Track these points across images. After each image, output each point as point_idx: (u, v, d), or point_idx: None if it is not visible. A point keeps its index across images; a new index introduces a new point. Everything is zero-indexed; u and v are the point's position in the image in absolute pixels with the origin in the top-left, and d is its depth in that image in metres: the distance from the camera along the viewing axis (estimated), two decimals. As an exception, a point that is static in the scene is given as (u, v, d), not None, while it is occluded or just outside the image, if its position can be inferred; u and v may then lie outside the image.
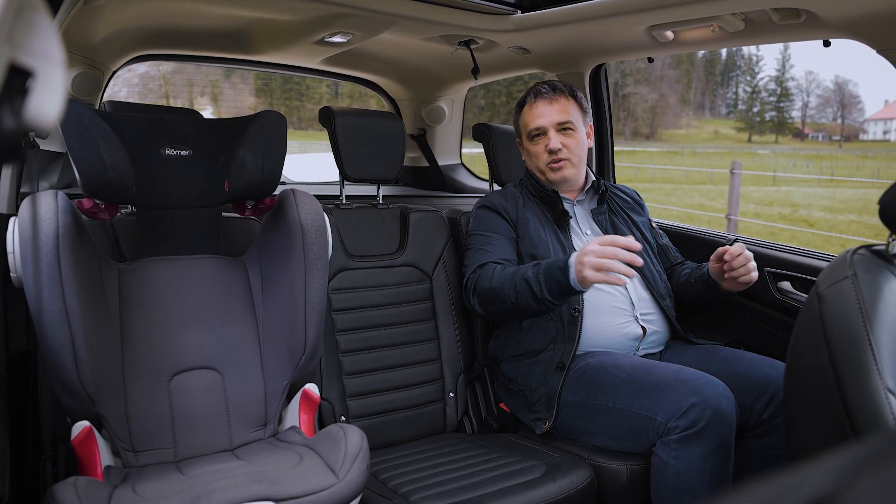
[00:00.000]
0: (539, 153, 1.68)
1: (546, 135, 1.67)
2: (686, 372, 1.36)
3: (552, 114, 1.66)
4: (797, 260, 1.71)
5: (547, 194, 1.71)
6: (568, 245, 1.64)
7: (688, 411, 1.26)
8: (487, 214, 1.71)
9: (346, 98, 44.25)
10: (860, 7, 1.28)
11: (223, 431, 1.30)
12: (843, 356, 0.92)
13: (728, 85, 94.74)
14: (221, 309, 1.39)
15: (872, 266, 0.98)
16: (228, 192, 1.42)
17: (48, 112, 0.42)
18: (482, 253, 1.63)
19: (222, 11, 1.85)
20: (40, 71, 0.41)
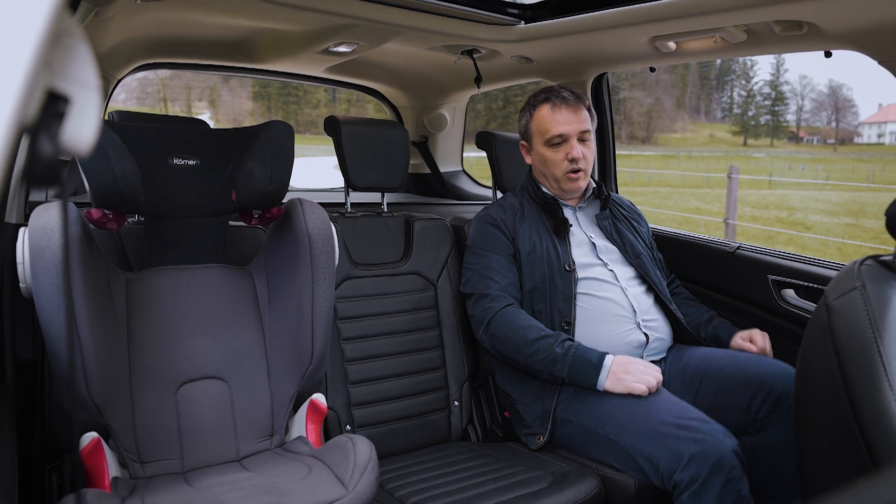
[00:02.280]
0: (558, 161, 1.66)
1: (568, 143, 1.65)
2: (688, 414, 1.34)
3: (576, 122, 1.65)
4: (801, 268, 1.72)
5: (547, 202, 1.71)
6: (564, 253, 1.63)
7: (689, 463, 1.25)
8: (487, 229, 1.70)
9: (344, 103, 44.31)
10: (862, 19, 1.29)
11: (230, 442, 1.30)
12: (854, 367, 0.93)
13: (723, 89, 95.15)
14: (228, 318, 1.39)
15: (880, 277, 0.98)
16: (236, 202, 1.42)
17: (84, 137, 0.42)
18: (486, 280, 1.62)
19: (228, 21, 1.86)
20: (77, 96, 0.42)
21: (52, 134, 0.40)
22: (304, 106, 49.70)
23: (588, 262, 1.64)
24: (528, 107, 1.74)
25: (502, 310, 1.57)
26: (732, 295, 1.79)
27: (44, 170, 0.39)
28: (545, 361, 1.47)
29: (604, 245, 1.70)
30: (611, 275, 1.64)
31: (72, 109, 0.42)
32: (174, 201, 1.39)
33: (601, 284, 1.62)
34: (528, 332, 1.50)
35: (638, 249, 1.72)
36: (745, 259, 1.85)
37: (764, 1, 1.31)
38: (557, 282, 1.59)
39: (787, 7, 1.31)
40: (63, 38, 0.41)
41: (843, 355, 0.95)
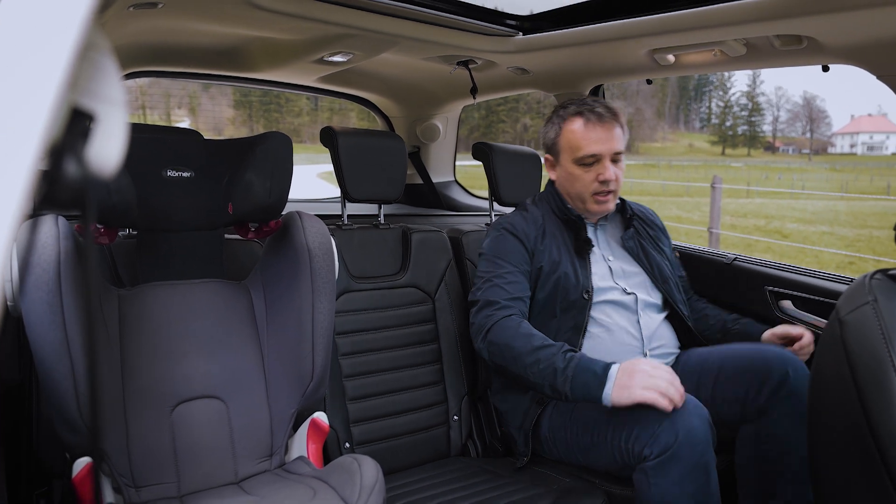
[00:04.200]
0: (588, 181, 1.56)
1: (600, 163, 1.55)
2: None
3: (610, 141, 1.54)
4: (799, 279, 1.72)
5: (571, 220, 1.62)
6: (583, 274, 1.55)
7: (659, 435, 1.23)
8: (507, 239, 1.59)
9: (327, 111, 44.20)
10: (861, 34, 1.30)
11: (228, 463, 1.26)
12: (869, 382, 0.92)
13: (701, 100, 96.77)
14: (225, 335, 1.35)
15: (891, 291, 0.98)
16: (233, 215, 1.39)
17: (109, 157, 0.40)
18: (495, 289, 1.51)
19: (221, 30, 1.82)
20: (102, 115, 0.39)
21: (76, 155, 0.37)
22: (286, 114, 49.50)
23: (605, 286, 1.57)
24: (557, 118, 1.62)
25: (505, 318, 1.45)
26: (730, 306, 1.79)
27: (67, 192, 0.37)
28: (545, 373, 1.33)
29: (625, 268, 1.63)
30: (630, 299, 1.57)
31: (96, 128, 0.39)
32: (168, 214, 1.35)
33: (615, 309, 1.56)
34: (532, 340, 1.38)
35: (666, 273, 1.65)
36: (743, 270, 1.86)
37: (765, 16, 1.32)
38: (570, 308, 1.53)
39: (787, 22, 1.32)
40: (90, 52, 0.39)
41: (858, 370, 0.94)
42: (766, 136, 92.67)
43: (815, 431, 1.03)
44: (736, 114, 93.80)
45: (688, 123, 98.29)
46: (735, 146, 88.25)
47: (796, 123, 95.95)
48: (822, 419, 1.01)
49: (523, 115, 61.27)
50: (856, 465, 0.94)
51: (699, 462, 1.22)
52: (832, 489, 1.00)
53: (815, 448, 1.03)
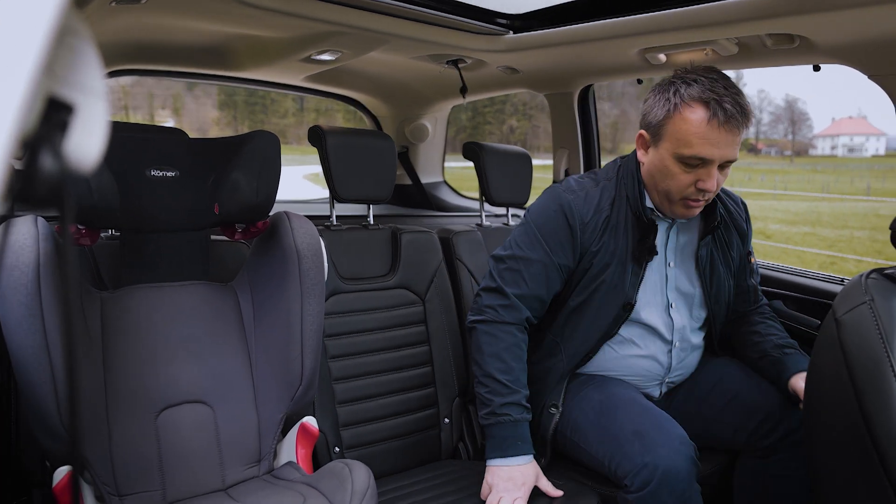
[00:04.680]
0: (684, 183, 1.32)
1: (706, 169, 1.29)
2: (645, 422, 1.28)
3: (728, 146, 1.27)
4: (790, 279, 1.72)
5: (644, 220, 1.38)
6: (632, 283, 1.37)
7: (640, 471, 1.21)
8: (556, 219, 1.38)
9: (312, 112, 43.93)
10: (853, 34, 1.30)
11: (215, 470, 1.23)
12: (867, 382, 0.91)
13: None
14: (211, 338, 1.32)
15: (887, 290, 0.98)
16: (219, 216, 1.36)
17: (89, 151, 0.37)
18: (516, 275, 1.38)
19: (207, 27, 1.79)
20: (81, 105, 0.36)
21: (54, 148, 0.34)
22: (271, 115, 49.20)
23: (651, 304, 1.43)
24: (675, 95, 1.29)
25: (501, 324, 1.37)
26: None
27: (44, 189, 0.34)
28: (483, 399, 1.36)
29: (681, 280, 1.46)
30: (667, 324, 1.44)
31: (76, 119, 0.36)
32: (152, 215, 1.32)
33: (649, 336, 1.44)
34: (495, 365, 1.34)
35: (723, 295, 1.48)
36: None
37: (757, 15, 1.31)
38: (604, 315, 1.40)
39: (779, 21, 1.31)
40: (67, 37, 0.36)
41: (855, 370, 0.93)
42: (749, 139, 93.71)
43: (812, 432, 1.02)
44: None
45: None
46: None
47: (778, 126, 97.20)
48: (819, 419, 1.00)
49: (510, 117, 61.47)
50: (854, 465, 0.94)
51: (680, 499, 1.20)
52: (831, 490, 0.99)
53: (813, 449, 1.02)
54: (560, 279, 1.40)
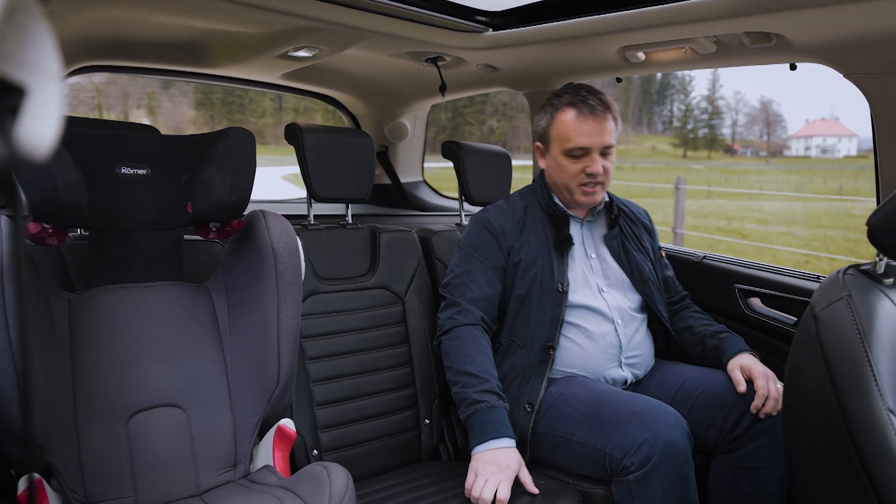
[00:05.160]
0: (575, 172, 1.55)
1: (589, 156, 1.54)
2: (638, 403, 1.33)
3: (601, 134, 1.52)
4: (766, 276, 1.74)
5: (556, 215, 1.61)
6: (560, 272, 1.55)
7: (640, 447, 1.23)
8: (482, 234, 1.61)
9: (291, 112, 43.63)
10: (829, 33, 1.31)
11: (189, 475, 1.20)
12: (845, 378, 0.92)
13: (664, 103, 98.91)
14: (185, 340, 1.28)
15: (864, 286, 0.98)
16: (192, 214, 1.32)
17: (43, 136, 0.35)
18: (462, 288, 1.55)
19: (179, 22, 1.75)
20: (34, 87, 0.34)
21: (4, 133, 0.32)
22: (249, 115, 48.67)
23: (583, 287, 1.57)
24: (550, 107, 1.60)
25: (461, 327, 1.51)
26: (700, 304, 1.79)
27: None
28: (459, 396, 1.43)
29: (605, 268, 1.62)
30: (605, 304, 1.57)
31: (29, 103, 0.34)
32: (122, 214, 1.28)
33: (593, 316, 1.55)
34: (462, 362, 1.45)
35: (646, 275, 1.63)
36: (712, 268, 1.87)
37: (734, 13, 1.32)
38: (547, 302, 1.53)
39: (757, 19, 1.32)
40: (16, 15, 0.34)
41: (833, 366, 0.94)
42: (726, 139, 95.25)
43: (791, 428, 1.02)
44: (697, 117, 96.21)
45: (651, 126, 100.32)
46: (696, 148, 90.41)
47: (754, 127, 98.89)
48: (798, 415, 1.00)
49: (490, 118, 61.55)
50: (832, 458, 0.94)
51: (680, 473, 1.23)
52: (810, 486, 0.99)
53: (792, 442, 1.02)
54: (498, 278, 1.58)
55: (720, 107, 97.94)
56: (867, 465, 0.88)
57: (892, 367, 0.93)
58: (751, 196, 23.20)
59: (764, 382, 1.40)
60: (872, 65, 1.32)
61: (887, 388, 0.91)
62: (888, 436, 0.88)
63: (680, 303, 1.75)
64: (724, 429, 1.43)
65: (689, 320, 1.68)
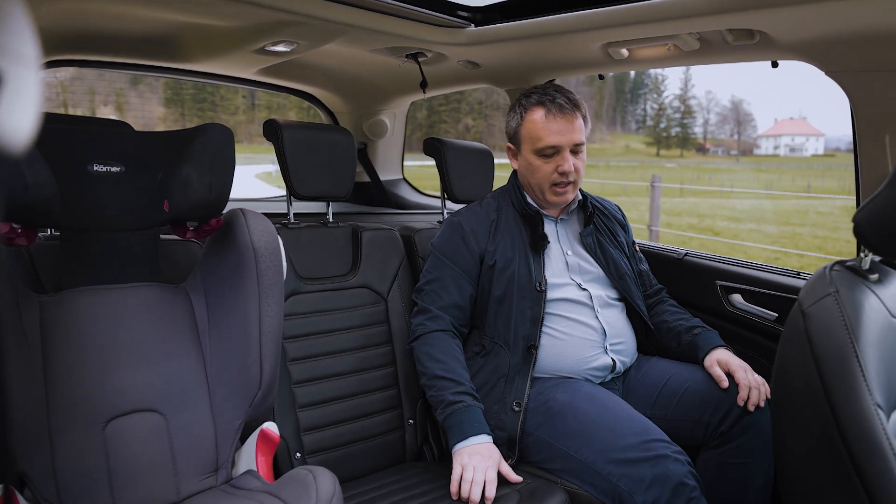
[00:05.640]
0: (547, 172, 1.56)
1: (560, 154, 1.55)
2: (650, 435, 1.31)
3: (571, 132, 1.53)
4: (747, 273, 1.75)
5: (529, 215, 1.61)
6: (537, 271, 1.55)
7: (651, 486, 1.23)
8: (453, 238, 1.62)
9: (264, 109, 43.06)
10: (811, 30, 1.32)
11: (169, 481, 1.16)
12: (833, 373, 0.92)
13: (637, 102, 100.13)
14: (162, 343, 1.24)
15: (851, 282, 0.99)
16: (169, 213, 1.28)
17: (20, 128, 0.32)
18: (433, 294, 1.58)
19: (153, 15, 1.69)
20: (10, 74, 0.31)
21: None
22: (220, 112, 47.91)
23: (561, 282, 1.58)
24: (519, 107, 1.61)
25: (431, 333, 1.54)
26: (682, 300, 1.80)
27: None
28: (435, 400, 1.47)
29: (582, 264, 1.63)
30: (584, 295, 1.58)
31: (4, 92, 0.31)
32: (95, 213, 1.23)
33: (572, 306, 1.56)
34: (434, 367, 1.48)
35: (622, 270, 1.65)
36: (694, 265, 1.88)
37: (717, 9, 1.32)
38: (526, 301, 1.53)
39: (740, 16, 1.33)
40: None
41: (822, 361, 0.94)
42: (698, 138, 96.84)
43: (780, 423, 1.02)
44: (669, 116, 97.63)
45: (624, 125, 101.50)
46: (669, 147, 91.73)
47: (725, 126, 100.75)
48: (786, 410, 1.01)
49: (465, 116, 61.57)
50: (820, 451, 0.94)
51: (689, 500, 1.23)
52: (798, 479, 1.00)
53: (781, 439, 1.02)
54: (469, 283, 1.59)
55: (692, 106, 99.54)
56: (855, 458, 0.89)
57: (878, 363, 0.93)
58: (722, 194, 23.59)
59: (744, 374, 1.42)
60: (853, 62, 1.33)
61: (874, 383, 0.91)
62: (876, 430, 0.88)
63: (655, 296, 1.76)
64: (710, 425, 1.43)
65: (664, 315, 1.70)
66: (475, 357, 1.57)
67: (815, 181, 33.78)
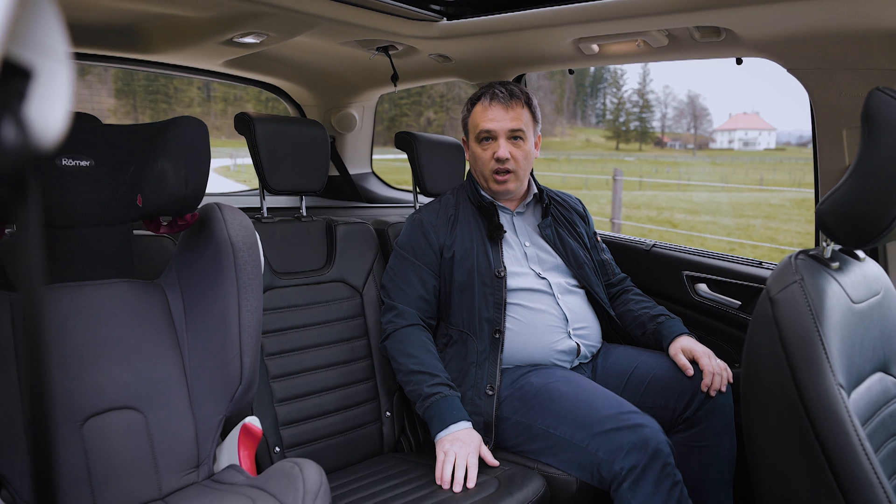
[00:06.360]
0: (486, 159, 1.63)
1: (496, 140, 1.62)
2: (625, 408, 1.36)
3: (505, 120, 1.60)
4: (712, 263, 1.81)
5: (484, 206, 1.66)
6: (496, 259, 1.60)
7: (629, 453, 1.28)
8: (415, 234, 1.67)
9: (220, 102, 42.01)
10: (774, 29, 1.37)
11: (150, 478, 1.14)
12: (799, 356, 0.97)
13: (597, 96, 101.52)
14: (139, 340, 1.22)
15: (814, 269, 1.04)
16: (143, 208, 1.26)
17: (52, 123, 0.32)
18: (398, 290, 1.63)
19: (116, 4, 1.65)
20: (42, 69, 0.31)
21: (15, 118, 0.29)
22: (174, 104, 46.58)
23: (520, 271, 1.62)
24: (469, 101, 1.70)
25: (401, 329, 1.58)
26: (650, 290, 1.86)
27: (6, 168, 0.29)
28: (413, 394, 1.50)
29: (541, 255, 1.67)
30: (544, 283, 1.62)
31: (36, 86, 0.31)
32: (65, 208, 1.20)
33: (533, 294, 1.60)
34: (409, 362, 1.52)
35: (581, 259, 1.69)
36: (661, 256, 1.93)
37: (686, 7, 1.36)
38: (487, 288, 1.57)
39: (707, 14, 1.37)
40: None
41: (788, 345, 0.99)
42: (656, 132, 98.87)
43: (749, 402, 1.07)
44: (628, 110, 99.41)
45: (584, 119, 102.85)
46: (628, 141, 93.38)
47: (682, 120, 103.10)
48: (755, 390, 1.06)
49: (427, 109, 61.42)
50: (788, 430, 0.99)
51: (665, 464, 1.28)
52: (766, 455, 1.05)
53: (751, 417, 1.07)
54: (431, 275, 1.63)
55: (650, 100, 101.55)
56: (819, 434, 0.94)
57: (840, 345, 0.99)
58: (680, 187, 24.16)
59: (708, 360, 1.48)
60: (814, 60, 1.39)
61: (837, 364, 0.97)
62: (838, 407, 0.94)
63: (619, 285, 1.80)
64: (676, 411, 1.49)
65: (629, 304, 1.74)
66: (444, 349, 1.61)
67: (768, 174, 34.88)
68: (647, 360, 1.59)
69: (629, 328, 1.71)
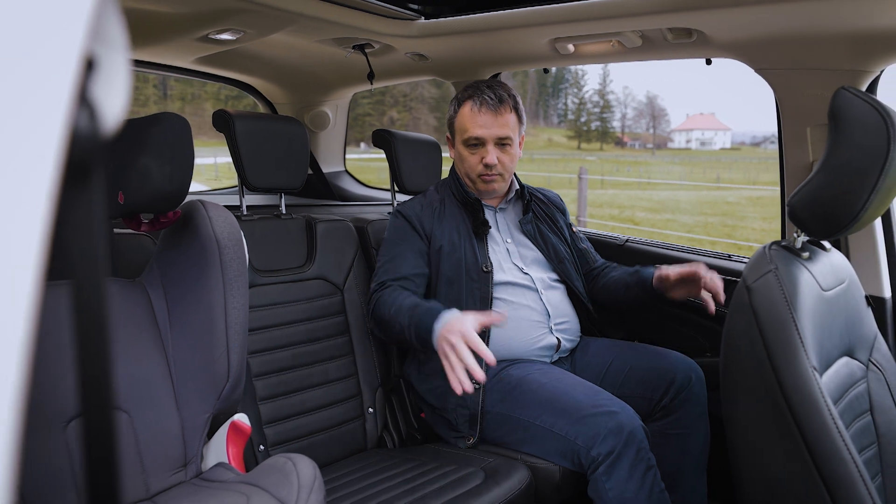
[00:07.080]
0: (473, 163, 1.65)
1: (484, 147, 1.63)
2: (602, 395, 1.40)
3: (494, 127, 1.61)
4: (684, 257, 1.88)
5: (469, 202, 1.69)
6: (482, 255, 1.63)
7: (606, 438, 1.31)
8: (402, 225, 1.67)
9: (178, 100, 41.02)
10: (743, 31, 1.43)
11: (137, 478, 1.13)
12: (775, 341, 1.02)
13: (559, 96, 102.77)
14: (122, 339, 1.21)
15: (787, 259, 1.10)
16: (125, 206, 1.24)
17: (113, 111, 0.33)
18: (386, 269, 1.59)
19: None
20: (103, 58, 0.32)
21: (89, 104, 0.30)
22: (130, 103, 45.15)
23: (505, 266, 1.65)
24: (455, 100, 1.70)
25: (383, 290, 1.52)
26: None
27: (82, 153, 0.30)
28: (398, 330, 1.43)
29: (522, 250, 1.70)
30: (527, 278, 1.65)
31: (98, 75, 0.32)
32: None
33: (517, 289, 1.63)
34: (392, 310, 1.45)
35: (562, 254, 1.73)
36: (635, 251, 1.99)
37: (659, 9, 1.41)
38: (474, 282, 1.59)
39: (679, 16, 1.42)
40: None
41: (765, 331, 1.04)
42: (616, 132, 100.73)
43: (729, 386, 1.12)
44: (589, 110, 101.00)
45: (547, 119, 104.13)
46: (589, 140, 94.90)
47: (641, 120, 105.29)
48: (734, 374, 1.11)
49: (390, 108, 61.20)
50: (766, 412, 1.05)
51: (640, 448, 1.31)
52: (746, 440, 1.10)
53: (730, 400, 1.12)
54: (423, 260, 1.62)
55: (610, 101, 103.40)
56: (795, 414, 1.00)
57: (812, 330, 1.05)
58: (640, 186, 24.65)
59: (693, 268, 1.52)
60: (781, 61, 1.46)
61: (810, 348, 1.02)
62: (812, 388, 0.99)
63: (604, 269, 1.83)
64: (653, 400, 1.54)
65: (612, 272, 1.77)
66: None
67: (724, 173, 35.86)
68: (624, 352, 1.64)
69: (615, 292, 1.72)
